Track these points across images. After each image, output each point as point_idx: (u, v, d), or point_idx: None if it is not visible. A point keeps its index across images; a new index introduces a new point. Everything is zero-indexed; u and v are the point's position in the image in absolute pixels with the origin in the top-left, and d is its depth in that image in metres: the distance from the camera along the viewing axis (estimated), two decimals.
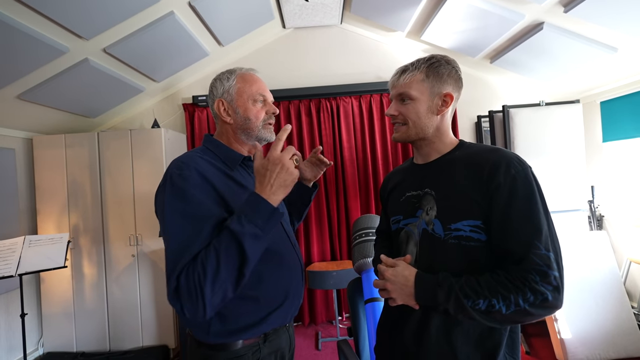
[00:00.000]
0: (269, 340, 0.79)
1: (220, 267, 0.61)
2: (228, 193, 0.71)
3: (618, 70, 2.10)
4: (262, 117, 0.82)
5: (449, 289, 0.59)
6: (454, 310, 0.59)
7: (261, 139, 0.83)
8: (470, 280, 0.59)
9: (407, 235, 0.73)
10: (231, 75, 0.82)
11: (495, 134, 2.38)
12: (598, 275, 2.00)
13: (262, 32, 2.58)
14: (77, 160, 2.26)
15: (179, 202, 0.66)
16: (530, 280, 0.55)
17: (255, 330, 0.75)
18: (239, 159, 0.80)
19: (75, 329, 2.21)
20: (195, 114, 2.66)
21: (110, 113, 2.58)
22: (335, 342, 2.24)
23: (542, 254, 0.56)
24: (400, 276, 0.64)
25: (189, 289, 0.60)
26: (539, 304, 0.55)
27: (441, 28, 2.21)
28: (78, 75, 1.91)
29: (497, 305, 0.55)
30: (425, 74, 0.70)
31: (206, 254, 0.62)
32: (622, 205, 2.33)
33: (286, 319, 0.82)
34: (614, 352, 1.87)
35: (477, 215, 0.62)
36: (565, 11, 1.71)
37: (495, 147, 0.68)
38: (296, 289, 0.84)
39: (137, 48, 1.95)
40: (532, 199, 0.59)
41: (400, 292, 0.64)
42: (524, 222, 0.58)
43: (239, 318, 0.74)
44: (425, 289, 0.62)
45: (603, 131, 2.43)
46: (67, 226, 2.23)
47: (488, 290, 0.57)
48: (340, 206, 2.65)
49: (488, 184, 0.62)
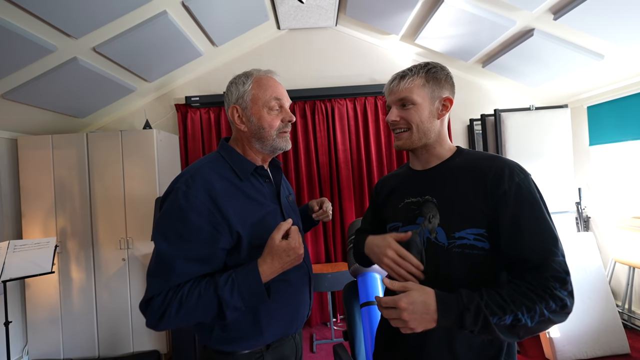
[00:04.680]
0: (273, 348, 0.77)
1: (194, 314, 0.65)
2: (234, 208, 0.70)
3: (604, 76, 2.16)
4: (277, 125, 0.78)
5: (477, 310, 0.54)
6: (479, 331, 0.55)
7: (276, 149, 0.79)
8: (493, 295, 0.56)
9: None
10: (247, 79, 0.78)
11: (487, 138, 2.43)
12: (585, 275, 2.06)
13: (256, 32, 2.56)
14: (64, 162, 2.19)
15: (176, 221, 0.66)
16: (551, 288, 0.54)
17: (255, 341, 0.74)
18: (250, 169, 0.77)
19: (62, 336, 2.14)
20: (188, 115, 2.61)
21: (100, 113, 2.51)
22: (329, 344, 2.24)
23: (560, 260, 0.56)
24: (419, 303, 0.56)
25: (159, 310, 0.64)
26: (560, 310, 0.54)
27: (435, 32, 2.23)
28: (66, 74, 1.86)
29: (522, 319, 0.53)
30: (425, 79, 0.70)
31: (188, 295, 0.64)
32: (608, 206, 2.40)
33: (290, 329, 0.80)
34: (600, 349, 1.93)
35: (481, 224, 0.62)
36: (555, 18, 1.75)
37: (494, 154, 0.69)
38: (301, 301, 0.82)
39: (129, 47, 1.91)
40: (539, 206, 0.60)
41: (420, 320, 0.56)
42: (538, 229, 0.58)
43: (240, 328, 0.73)
44: (450, 315, 0.56)
45: (590, 135, 2.50)
46: (54, 230, 2.16)
47: (513, 303, 0.54)
48: (335, 208, 2.65)
49: (492, 191, 0.62)
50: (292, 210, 0.88)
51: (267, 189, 0.81)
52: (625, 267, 2.25)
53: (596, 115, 2.45)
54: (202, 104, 2.59)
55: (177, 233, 0.66)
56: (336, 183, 2.66)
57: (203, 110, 2.63)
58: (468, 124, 2.74)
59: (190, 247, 0.65)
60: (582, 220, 2.43)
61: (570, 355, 1.91)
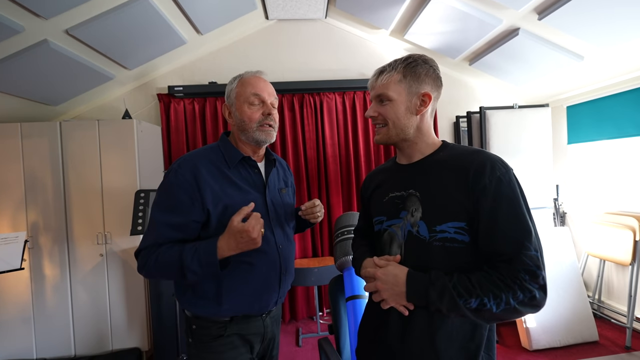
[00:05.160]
0: (236, 322, 0.85)
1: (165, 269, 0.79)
2: (212, 188, 0.82)
3: (583, 77, 2.25)
4: (257, 118, 0.87)
5: (442, 287, 0.59)
6: (447, 308, 0.58)
7: (257, 141, 0.88)
8: (462, 278, 0.59)
9: (391, 237, 0.72)
10: (235, 79, 0.90)
11: (472, 134, 2.47)
12: (560, 269, 2.15)
13: (243, 22, 2.48)
14: (35, 152, 2.05)
15: (164, 194, 0.82)
16: (520, 279, 0.56)
17: (215, 309, 0.83)
18: (238, 158, 0.88)
19: (34, 335, 2.04)
20: (171, 105, 2.51)
21: (75, 101, 2.37)
22: (315, 338, 2.24)
23: (532, 254, 0.57)
24: (391, 275, 0.63)
25: (142, 260, 0.80)
26: (527, 302, 0.56)
27: (424, 28, 2.24)
28: (36, 58, 1.73)
29: (488, 304, 0.56)
30: (402, 74, 0.69)
31: (163, 253, 0.78)
32: (583, 203, 2.52)
33: (252, 309, 0.86)
34: (572, 338, 2.03)
35: (462, 217, 0.62)
36: (540, 18, 1.79)
37: (478, 149, 0.69)
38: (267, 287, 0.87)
39: (106, 32, 1.80)
40: (518, 201, 0.61)
41: (391, 291, 0.63)
42: (513, 223, 0.59)
43: (204, 295, 0.83)
44: (417, 288, 0.61)
45: (568, 134, 2.60)
46: (25, 224, 2.04)
47: (480, 289, 0.57)
48: (322, 203, 2.63)
49: (473, 185, 0.62)
50: (280, 203, 0.95)
51: (254, 179, 0.90)
52: (596, 260, 2.37)
53: (575, 114, 2.55)
54: (186, 94, 2.49)
55: (164, 203, 0.81)
56: (324, 178, 2.64)
57: (187, 100, 2.54)
58: (454, 120, 2.78)
59: (171, 216, 0.79)
60: (558, 215, 2.54)
61: (544, 344, 2.00)
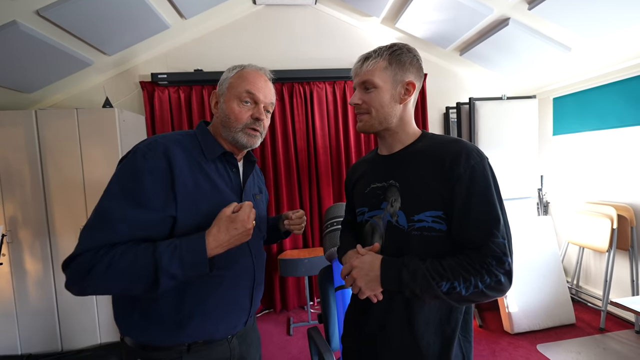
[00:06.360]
0: (195, 351, 0.69)
1: (124, 276, 0.59)
2: (189, 185, 0.68)
3: (570, 68, 2.27)
4: (244, 119, 0.75)
5: (415, 268, 0.61)
6: (421, 289, 0.60)
7: (238, 143, 0.76)
8: (434, 263, 0.61)
9: (372, 228, 0.73)
10: (234, 68, 0.79)
11: (462, 125, 2.49)
12: (542, 257, 2.23)
13: (230, 6, 2.38)
14: (9, 142, 1.95)
15: (129, 180, 0.64)
16: (488, 264, 0.59)
17: (173, 334, 0.68)
18: (217, 153, 0.75)
19: (18, 331, 1.99)
20: (155, 93, 2.42)
21: (51, 88, 2.25)
22: (306, 327, 2.28)
23: (499, 242, 0.60)
24: (367, 263, 0.64)
25: (86, 266, 0.58)
26: (494, 285, 0.59)
27: (415, 16, 2.20)
28: (4, 40, 1.62)
29: (458, 287, 0.58)
30: (388, 61, 0.68)
31: (122, 254, 0.59)
32: (566, 192, 2.60)
33: (216, 333, 0.71)
34: (551, 321, 2.13)
35: (439, 206, 0.63)
36: (530, 8, 1.78)
37: (456, 138, 0.69)
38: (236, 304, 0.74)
39: (81, 13, 1.69)
40: (490, 189, 0.62)
41: (365, 277, 0.63)
42: (483, 212, 0.61)
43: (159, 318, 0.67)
44: (390, 271, 0.62)
45: (554, 125, 2.65)
46: (2, 217, 1.95)
47: (451, 273, 0.59)
48: (313, 194, 2.63)
49: (449, 174, 0.63)
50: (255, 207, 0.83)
51: (231, 178, 0.79)
52: (576, 248, 2.47)
53: (561, 106, 2.59)
54: (171, 82, 2.40)
55: (127, 191, 0.63)
56: (314, 168, 2.63)
57: (172, 89, 2.44)
58: (444, 111, 2.79)
59: (138, 210, 0.62)
60: (542, 205, 2.62)
61: (525, 327, 2.10)
